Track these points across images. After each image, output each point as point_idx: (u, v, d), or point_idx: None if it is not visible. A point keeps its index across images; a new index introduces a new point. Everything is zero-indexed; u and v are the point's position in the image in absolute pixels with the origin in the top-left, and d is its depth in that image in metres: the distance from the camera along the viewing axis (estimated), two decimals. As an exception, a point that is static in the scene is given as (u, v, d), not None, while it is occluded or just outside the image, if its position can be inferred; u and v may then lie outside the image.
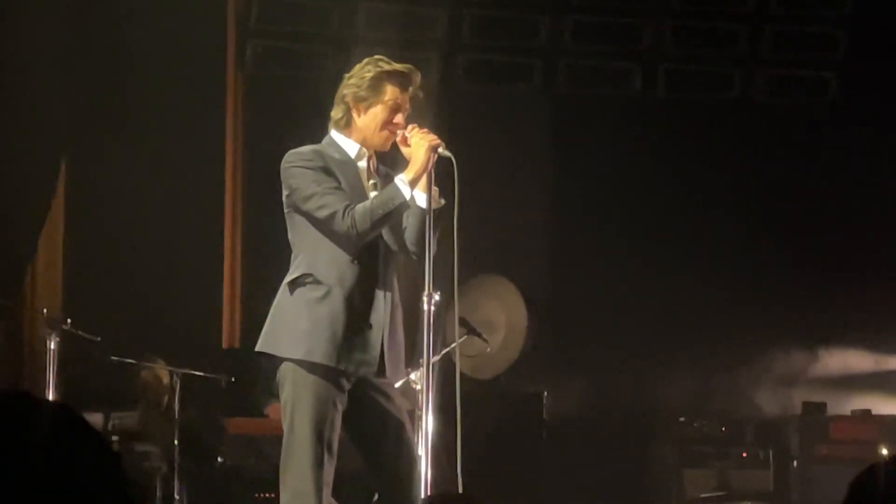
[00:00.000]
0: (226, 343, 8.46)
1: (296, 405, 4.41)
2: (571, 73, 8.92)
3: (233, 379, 7.22)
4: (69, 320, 6.67)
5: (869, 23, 8.83)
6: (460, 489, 4.33)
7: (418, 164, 4.42)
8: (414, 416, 4.86)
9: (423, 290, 4.36)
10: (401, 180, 4.42)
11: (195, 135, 8.20)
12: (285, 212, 4.58)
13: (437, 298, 4.36)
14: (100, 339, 6.74)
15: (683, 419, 8.28)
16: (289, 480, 4.40)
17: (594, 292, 8.61)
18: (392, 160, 4.66)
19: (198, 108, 8.15)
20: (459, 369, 4.55)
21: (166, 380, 7.32)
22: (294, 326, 4.43)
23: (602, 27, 8.87)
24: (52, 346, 6.45)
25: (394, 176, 4.48)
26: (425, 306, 4.34)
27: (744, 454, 8.17)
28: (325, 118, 4.66)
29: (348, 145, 4.60)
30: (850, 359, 8.89)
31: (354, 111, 4.57)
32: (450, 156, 4.44)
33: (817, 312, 8.75)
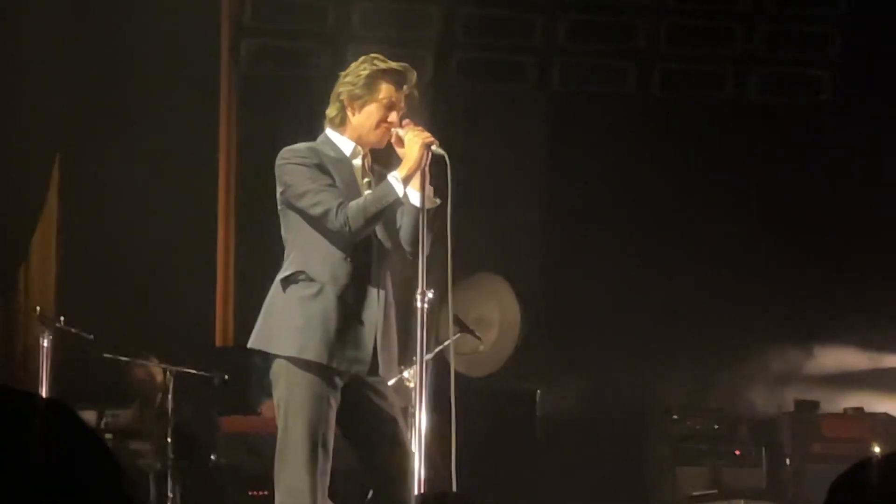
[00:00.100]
0: (219, 341, 8.44)
1: (289, 403, 4.40)
2: (566, 72, 8.92)
3: (226, 377, 7.21)
4: (62, 318, 6.67)
5: (864, 21, 8.85)
6: (454, 487, 4.33)
7: (412, 161, 4.41)
8: (407, 413, 4.86)
9: (416, 288, 4.36)
10: (394, 177, 4.42)
11: (189, 133, 8.18)
12: (279, 208, 4.57)
13: (430, 296, 4.36)
14: (93, 336, 6.75)
15: (677, 417, 8.28)
16: (283, 478, 4.39)
17: (587, 290, 8.61)
18: (387, 159, 4.66)
19: (192, 107, 8.13)
20: (453, 367, 4.54)
21: (160, 378, 7.31)
22: (287, 323, 4.43)
23: (597, 25, 8.87)
24: (46, 344, 6.45)
25: (388, 175, 4.48)
26: (419, 304, 4.34)
27: (737, 452, 8.18)
28: (320, 116, 4.66)
29: (343, 143, 4.60)
30: (843, 357, 8.90)
31: (349, 109, 4.57)
32: (443, 154, 4.43)
33: (810, 310, 8.77)
